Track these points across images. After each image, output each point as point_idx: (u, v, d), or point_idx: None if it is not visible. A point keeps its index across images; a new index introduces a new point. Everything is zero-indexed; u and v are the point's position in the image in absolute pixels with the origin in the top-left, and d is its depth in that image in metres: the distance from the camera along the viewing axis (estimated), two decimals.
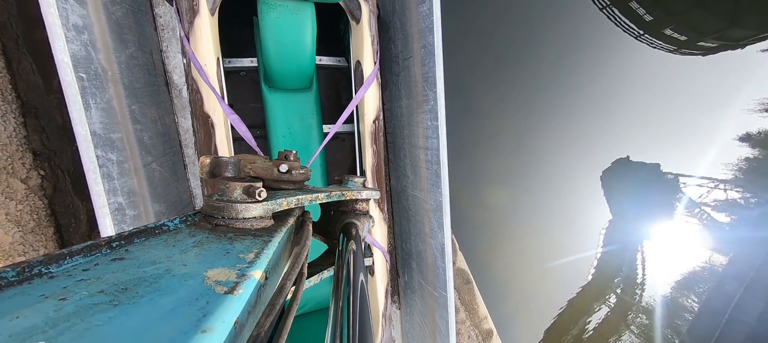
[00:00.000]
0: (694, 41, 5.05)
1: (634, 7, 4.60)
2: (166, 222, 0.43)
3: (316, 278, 0.63)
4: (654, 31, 5.02)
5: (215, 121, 1.28)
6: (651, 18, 4.73)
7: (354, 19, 1.53)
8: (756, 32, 4.75)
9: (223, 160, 0.52)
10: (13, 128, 1.61)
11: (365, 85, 1.55)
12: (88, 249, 0.33)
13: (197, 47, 1.23)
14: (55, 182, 1.84)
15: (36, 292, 0.26)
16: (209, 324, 0.25)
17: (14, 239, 1.51)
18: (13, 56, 1.70)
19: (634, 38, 5.02)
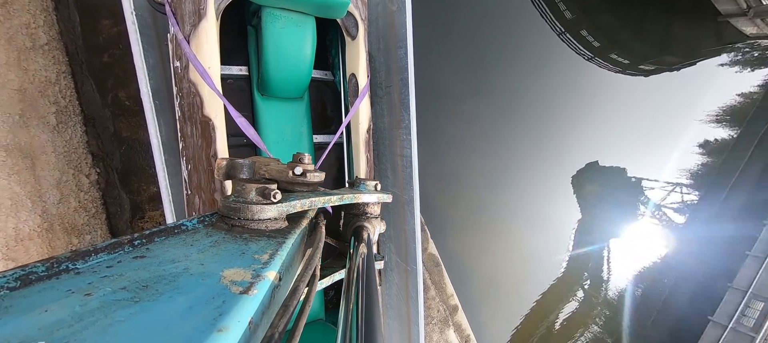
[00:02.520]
0: (635, 64, 5.97)
1: (584, 35, 5.40)
2: (184, 222, 0.44)
3: (328, 279, 0.63)
4: (602, 54, 5.86)
5: (216, 125, 1.28)
6: (598, 44, 5.55)
7: (350, 35, 1.62)
8: (684, 59, 5.75)
9: (239, 162, 0.53)
10: (79, 135, 2.08)
11: (360, 96, 1.63)
12: (111, 247, 0.34)
13: (201, 51, 1.24)
14: (107, 178, 2.31)
15: (63, 287, 0.27)
16: (225, 323, 0.25)
17: (85, 221, 1.98)
18: (78, 79, 2.17)
19: (585, 60, 5.84)
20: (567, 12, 5.53)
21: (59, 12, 2.06)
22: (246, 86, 1.66)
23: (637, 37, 5.51)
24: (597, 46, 5.72)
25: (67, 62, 2.07)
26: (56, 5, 2.03)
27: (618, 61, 6.09)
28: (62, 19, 2.08)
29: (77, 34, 2.16)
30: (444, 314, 3.63)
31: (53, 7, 1.99)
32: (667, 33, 5.49)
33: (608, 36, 5.55)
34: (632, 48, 5.83)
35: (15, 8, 1.64)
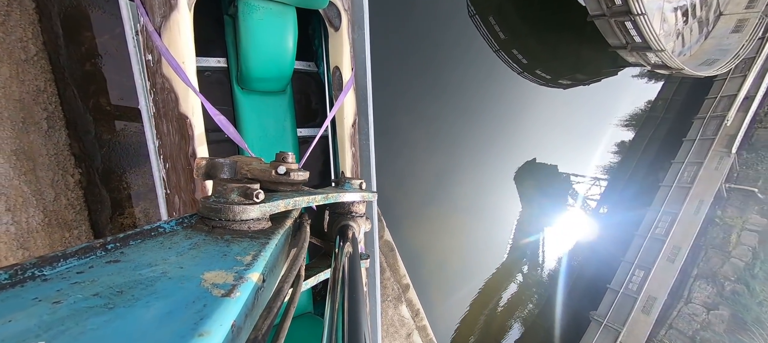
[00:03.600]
0: (555, 79, 7.31)
1: (515, 53, 6.46)
2: (161, 224, 0.42)
3: (313, 280, 0.62)
4: (529, 70, 7.04)
5: (194, 122, 1.20)
6: (526, 61, 6.68)
7: (333, 26, 1.54)
8: (591, 77, 7.25)
9: (219, 161, 0.51)
10: (64, 139, 2.28)
11: (345, 90, 1.55)
12: (82, 251, 0.32)
13: (174, 44, 1.15)
14: (89, 178, 2.51)
15: (29, 295, 0.25)
16: (207, 328, 0.24)
17: (73, 217, 2.19)
18: (62, 86, 2.36)
19: (517, 74, 6.97)
20: (501, 33, 6.52)
21: (43, 24, 2.24)
22: (225, 79, 1.56)
23: (555, 58, 6.81)
24: (525, 63, 6.84)
25: (52, 71, 2.25)
26: (40, 18, 2.20)
27: (542, 76, 7.33)
28: (46, 30, 2.26)
29: (61, 45, 2.35)
30: (397, 292, 4.27)
31: (38, 19, 2.16)
32: (578, 55, 6.84)
33: (533, 55, 6.72)
34: (551, 66, 7.13)
35: (11, 24, 1.83)
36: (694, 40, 7.67)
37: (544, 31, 6.70)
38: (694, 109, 9.99)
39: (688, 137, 9.32)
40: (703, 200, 9.06)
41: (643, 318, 7.75)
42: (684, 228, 8.80)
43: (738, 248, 11.26)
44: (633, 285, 7.33)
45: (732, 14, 8.06)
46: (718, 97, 9.12)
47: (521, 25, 6.65)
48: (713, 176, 9.20)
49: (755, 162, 13.25)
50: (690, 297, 10.42)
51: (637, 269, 7.46)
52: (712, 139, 8.75)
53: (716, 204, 11.87)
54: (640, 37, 5.22)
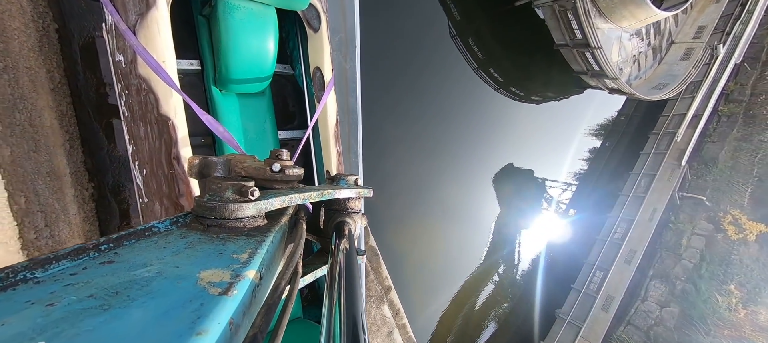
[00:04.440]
0: (527, 96, 8.01)
1: (491, 71, 7.05)
2: (155, 224, 0.42)
3: (310, 276, 0.61)
4: (505, 87, 7.67)
5: (177, 124, 1.16)
6: (502, 80, 7.30)
7: (312, 28, 1.54)
8: (559, 95, 8.02)
9: (213, 160, 0.51)
10: (80, 156, 2.51)
11: (327, 90, 1.56)
12: (75, 253, 0.32)
13: (152, 43, 1.11)
14: (100, 191, 2.75)
15: (21, 298, 0.25)
16: (204, 326, 0.24)
17: (88, 228, 2.43)
18: (78, 108, 2.60)
19: (494, 90, 7.58)
20: (479, 53, 7.09)
21: (64, 52, 2.47)
22: (199, 82, 1.54)
23: (528, 78, 7.50)
24: (501, 81, 7.46)
25: (70, 95, 2.48)
26: (62, 47, 2.44)
27: (516, 92, 7.98)
28: (67, 57, 2.49)
29: (79, 71, 2.59)
30: (380, 293, 4.66)
31: (60, 49, 2.40)
32: (548, 76, 7.55)
33: (507, 74, 7.37)
34: (524, 85, 7.82)
35: (43, 57, 2.07)
36: (649, 65, 8.56)
37: (518, 53, 7.36)
38: (650, 124, 11.05)
39: (644, 151, 10.30)
40: (656, 207, 10.05)
41: (602, 315, 8.54)
42: (639, 233, 9.74)
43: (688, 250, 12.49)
44: (593, 285, 8.08)
45: (682, 43, 9.04)
46: (670, 115, 10.15)
47: (497, 47, 7.26)
48: (665, 186, 10.22)
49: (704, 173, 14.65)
50: (646, 296, 11.46)
51: (597, 270, 8.23)
52: (665, 153, 9.74)
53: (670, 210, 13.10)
54: (598, 66, 5.90)
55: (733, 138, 14.87)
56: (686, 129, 10.32)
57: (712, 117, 13.65)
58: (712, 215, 13.89)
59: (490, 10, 6.88)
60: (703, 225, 13.56)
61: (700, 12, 9.20)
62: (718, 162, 14.68)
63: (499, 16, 6.91)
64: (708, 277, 12.19)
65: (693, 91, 9.83)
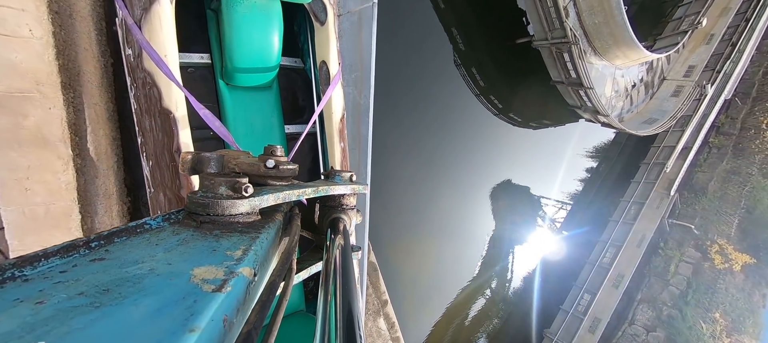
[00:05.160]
0: (525, 123, 8.44)
1: (492, 98, 7.47)
2: (147, 220, 0.42)
3: (305, 273, 0.62)
4: (504, 113, 8.09)
5: (178, 118, 1.18)
6: (501, 106, 7.72)
7: (318, 21, 1.53)
8: (555, 123, 8.48)
9: (206, 156, 0.50)
10: (122, 175, 2.81)
11: (332, 84, 1.53)
12: (65, 250, 0.32)
13: (155, 38, 1.13)
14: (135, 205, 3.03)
15: (9, 296, 0.25)
16: (197, 323, 0.24)
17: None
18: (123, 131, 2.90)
19: (494, 115, 8.00)
20: (480, 81, 7.52)
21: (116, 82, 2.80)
22: (209, 75, 1.55)
23: (525, 106, 7.95)
24: (500, 107, 7.87)
25: (118, 120, 2.81)
26: (115, 79, 2.77)
27: (514, 118, 8.41)
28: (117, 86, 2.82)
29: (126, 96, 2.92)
30: (377, 306, 4.97)
31: (114, 80, 2.73)
32: (545, 105, 8.00)
33: (506, 102, 7.81)
34: (522, 111, 8.26)
35: (105, 89, 2.40)
36: (641, 99, 9.03)
37: (517, 83, 7.82)
38: (642, 153, 11.49)
39: (635, 179, 10.72)
40: (645, 234, 10.42)
41: (588, 337, 8.82)
42: (628, 258, 10.09)
43: (675, 277, 12.84)
44: (581, 307, 8.38)
45: (673, 80, 9.53)
46: (660, 147, 10.60)
47: (497, 76, 7.70)
48: (654, 214, 10.61)
49: (693, 202, 15.08)
50: (633, 319, 11.76)
51: (585, 293, 8.54)
52: (654, 183, 10.15)
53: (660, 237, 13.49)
54: (591, 103, 6.32)
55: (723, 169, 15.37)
56: (676, 160, 10.77)
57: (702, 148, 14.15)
58: (699, 243, 14.29)
59: (493, 43, 7.33)
60: (690, 253, 13.95)
61: (691, 52, 9.72)
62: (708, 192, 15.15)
63: (500, 50, 7.36)
64: (694, 304, 12.52)
65: (683, 124, 10.31)
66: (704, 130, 11.77)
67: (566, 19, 5.52)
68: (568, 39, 5.35)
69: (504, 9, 6.33)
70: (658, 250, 14.04)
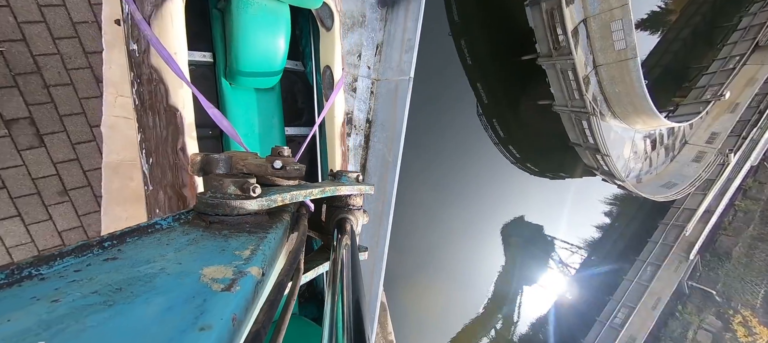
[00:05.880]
0: (541, 173, 8.64)
1: (511, 148, 7.78)
2: (158, 221, 0.43)
3: (312, 273, 0.62)
4: (521, 163, 8.35)
5: (184, 116, 1.19)
6: (519, 155, 8.00)
7: (324, 26, 1.57)
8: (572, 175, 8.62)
9: (215, 157, 0.51)
10: None
11: (336, 89, 1.57)
12: (79, 250, 0.33)
13: (165, 34, 1.14)
14: None
15: (26, 294, 0.26)
16: (207, 322, 0.25)
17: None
18: None
19: (511, 163, 8.27)
20: (500, 131, 7.86)
21: None
22: (210, 74, 1.56)
23: (543, 158, 8.18)
24: (518, 157, 8.14)
25: None
26: None
27: (531, 168, 8.63)
28: None
29: None
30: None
31: None
32: (562, 159, 8.22)
33: (525, 153, 8.09)
34: (540, 163, 8.49)
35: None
36: (661, 162, 9.07)
37: (535, 136, 8.11)
38: (661, 211, 11.31)
39: (652, 239, 10.54)
40: (660, 297, 10.13)
41: None
42: (641, 320, 9.79)
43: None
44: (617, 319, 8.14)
45: (695, 145, 9.54)
46: (681, 208, 10.45)
47: (517, 129, 8.04)
48: (671, 277, 10.32)
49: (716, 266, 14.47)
50: None
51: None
52: (672, 245, 9.96)
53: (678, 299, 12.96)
54: (608, 168, 6.51)
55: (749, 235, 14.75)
56: (697, 223, 10.55)
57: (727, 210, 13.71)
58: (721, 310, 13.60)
59: (514, 99, 7.72)
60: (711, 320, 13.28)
61: (715, 118, 9.74)
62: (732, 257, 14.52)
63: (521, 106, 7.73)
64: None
65: (705, 188, 10.17)
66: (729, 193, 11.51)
67: (586, 92, 5.85)
68: (587, 110, 5.65)
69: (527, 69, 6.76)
70: (676, 313, 13.44)
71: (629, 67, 6.18)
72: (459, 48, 6.91)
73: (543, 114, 7.38)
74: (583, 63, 6.25)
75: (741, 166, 11.16)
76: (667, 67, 11.11)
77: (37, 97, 2.74)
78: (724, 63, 9.71)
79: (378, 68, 4.44)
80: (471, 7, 6.69)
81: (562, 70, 5.62)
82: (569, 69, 5.50)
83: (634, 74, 6.20)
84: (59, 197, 2.90)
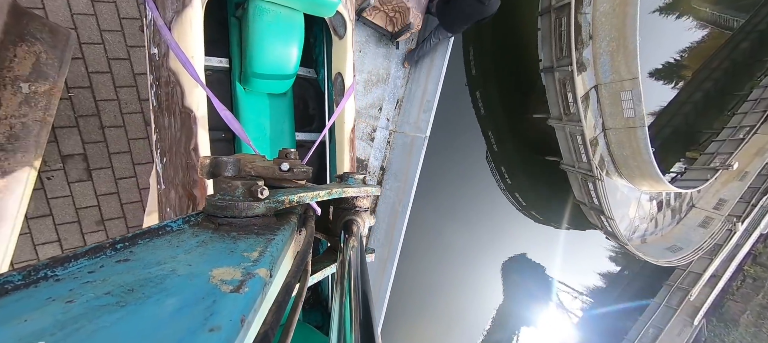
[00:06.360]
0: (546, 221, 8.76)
1: (517, 195, 7.95)
2: (168, 223, 0.43)
3: (319, 274, 0.63)
4: (526, 211, 8.48)
5: (198, 117, 1.22)
6: (525, 204, 8.15)
7: (337, 34, 1.59)
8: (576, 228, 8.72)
9: (223, 159, 0.52)
10: None
11: (346, 96, 1.58)
12: (92, 251, 0.33)
13: (184, 39, 1.18)
14: None
15: (42, 295, 0.26)
16: (217, 323, 0.25)
17: None
18: None
19: (517, 210, 8.42)
20: (508, 178, 8.04)
21: None
22: (226, 79, 1.60)
23: (548, 208, 8.32)
24: (524, 204, 8.27)
25: None
26: None
27: (537, 217, 8.72)
28: None
29: None
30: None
31: None
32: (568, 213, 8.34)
33: (530, 201, 8.24)
34: (544, 213, 8.62)
35: None
36: (666, 223, 9.08)
37: (542, 186, 8.27)
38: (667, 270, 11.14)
39: (655, 299, 10.37)
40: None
41: None
42: None
43: None
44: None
45: (702, 210, 9.55)
46: (686, 271, 10.31)
47: (524, 179, 8.22)
48: (675, 341, 10.05)
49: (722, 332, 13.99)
50: None
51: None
52: (676, 309, 9.78)
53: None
54: (611, 230, 6.60)
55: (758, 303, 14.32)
56: (702, 287, 10.36)
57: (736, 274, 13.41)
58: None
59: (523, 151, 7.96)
60: None
61: (724, 184, 9.79)
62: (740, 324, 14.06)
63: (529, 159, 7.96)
64: None
65: (712, 253, 10.07)
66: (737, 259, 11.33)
67: (594, 154, 6.05)
68: (593, 175, 5.83)
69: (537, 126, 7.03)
70: None
71: (637, 135, 6.39)
72: (474, 98, 7.24)
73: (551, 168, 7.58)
74: (592, 126, 6.49)
75: (750, 233, 11.04)
76: (678, 129, 11.29)
77: (93, 136, 3.06)
78: (733, 132, 9.85)
79: (396, 121, 4.73)
80: (489, 63, 7.06)
81: (570, 133, 5.85)
82: (578, 134, 5.73)
83: (642, 142, 6.40)
84: (96, 226, 3.17)
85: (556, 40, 5.30)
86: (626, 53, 5.88)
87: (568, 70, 5.22)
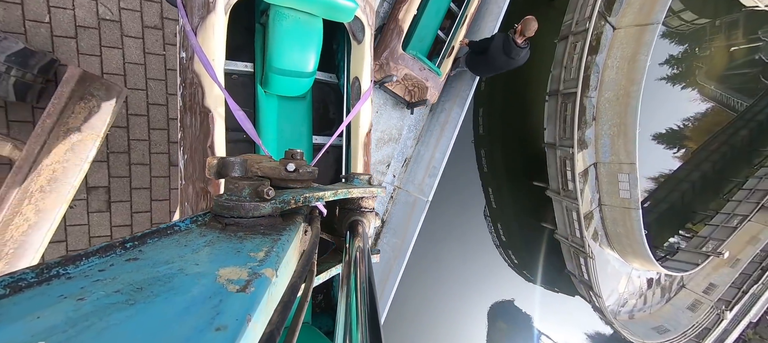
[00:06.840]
0: (537, 282, 8.83)
1: (509, 253, 8.06)
2: (177, 223, 0.44)
3: (325, 275, 0.63)
4: (518, 269, 8.57)
5: (215, 116, 1.27)
6: (517, 262, 8.26)
7: (356, 39, 1.63)
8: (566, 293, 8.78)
9: (230, 160, 0.52)
10: None
11: (363, 99, 1.61)
12: (103, 250, 0.34)
13: (207, 43, 1.25)
14: None
15: (55, 292, 0.27)
16: (223, 322, 0.25)
17: None
18: None
19: (508, 267, 8.50)
20: (503, 236, 8.19)
21: None
22: (250, 82, 1.66)
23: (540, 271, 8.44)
24: (516, 263, 8.37)
25: None
26: None
27: (528, 276, 8.82)
28: None
29: None
30: None
31: None
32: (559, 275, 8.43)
33: (522, 260, 8.35)
34: (535, 274, 8.74)
35: None
36: (656, 301, 9.12)
37: (535, 248, 8.43)
38: None
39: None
40: None
41: None
42: None
43: None
44: None
45: (692, 291, 9.60)
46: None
47: (518, 239, 8.40)
48: None
49: None
50: None
51: None
52: None
53: None
54: (598, 306, 6.67)
55: None
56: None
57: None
58: None
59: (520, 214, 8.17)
60: None
61: (715, 269, 9.88)
62: None
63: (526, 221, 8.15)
64: None
65: (701, 337, 10.01)
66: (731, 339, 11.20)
67: (588, 227, 6.23)
68: (585, 252, 5.99)
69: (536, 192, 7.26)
70: None
71: (631, 216, 6.59)
72: (479, 155, 7.52)
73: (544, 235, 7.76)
74: (588, 200, 6.71)
75: (739, 320, 11.00)
76: (674, 205, 11.51)
77: (119, 171, 3.27)
78: (727, 218, 10.06)
79: (402, 178, 4.95)
80: (497, 126, 7.40)
81: (567, 208, 6.06)
82: (573, 210, 5.94)
83: (635, 223, 6.60)
84: None
85: (561, 122, 5.62)
86: (626, 140, 6.19)
87: (569, 151, 5.50)
